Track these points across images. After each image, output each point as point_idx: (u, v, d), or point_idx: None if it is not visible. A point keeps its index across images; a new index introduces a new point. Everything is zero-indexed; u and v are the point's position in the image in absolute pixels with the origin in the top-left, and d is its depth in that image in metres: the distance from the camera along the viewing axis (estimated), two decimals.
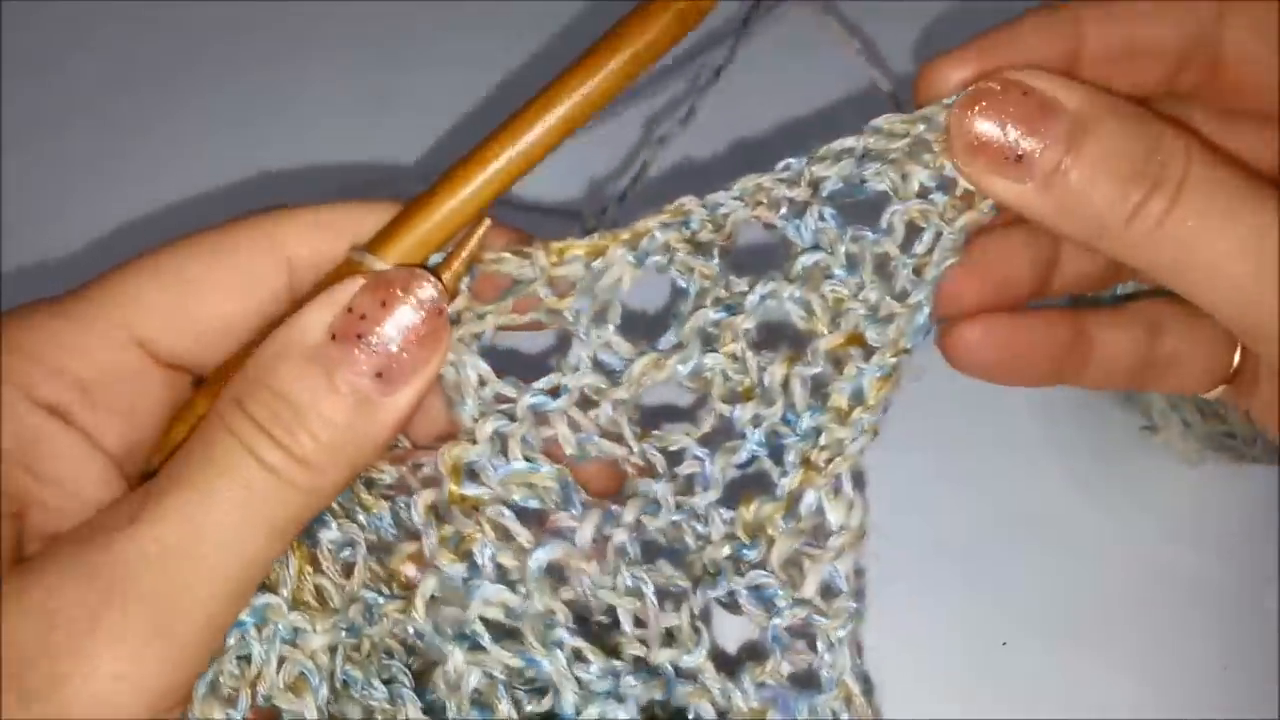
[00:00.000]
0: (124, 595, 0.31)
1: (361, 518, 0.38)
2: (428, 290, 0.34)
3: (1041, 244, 0.41)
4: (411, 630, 0.37)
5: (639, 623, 0.36)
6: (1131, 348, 0.42)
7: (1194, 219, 0.35)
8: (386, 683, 0.38)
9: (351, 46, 0.73)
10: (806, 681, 0.36)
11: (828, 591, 0.36)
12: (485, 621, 0.36)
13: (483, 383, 0.36)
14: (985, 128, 0.36)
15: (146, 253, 0.36)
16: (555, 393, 0.37)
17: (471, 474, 0.37)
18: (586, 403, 0.38)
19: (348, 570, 0.38)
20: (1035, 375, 0.42)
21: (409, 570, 0.37)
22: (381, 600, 0.37)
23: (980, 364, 0.41)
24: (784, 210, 0.37)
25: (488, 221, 0.36)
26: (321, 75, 0.71)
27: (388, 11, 0.73)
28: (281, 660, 0.36)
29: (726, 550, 0.37)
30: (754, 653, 0.37)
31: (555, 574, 0.36)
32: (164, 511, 0.32)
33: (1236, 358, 0.43)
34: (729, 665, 0.37)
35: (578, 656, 0.36)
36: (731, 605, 0.37)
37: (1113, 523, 0.49)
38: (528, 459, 0.37)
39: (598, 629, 0.38)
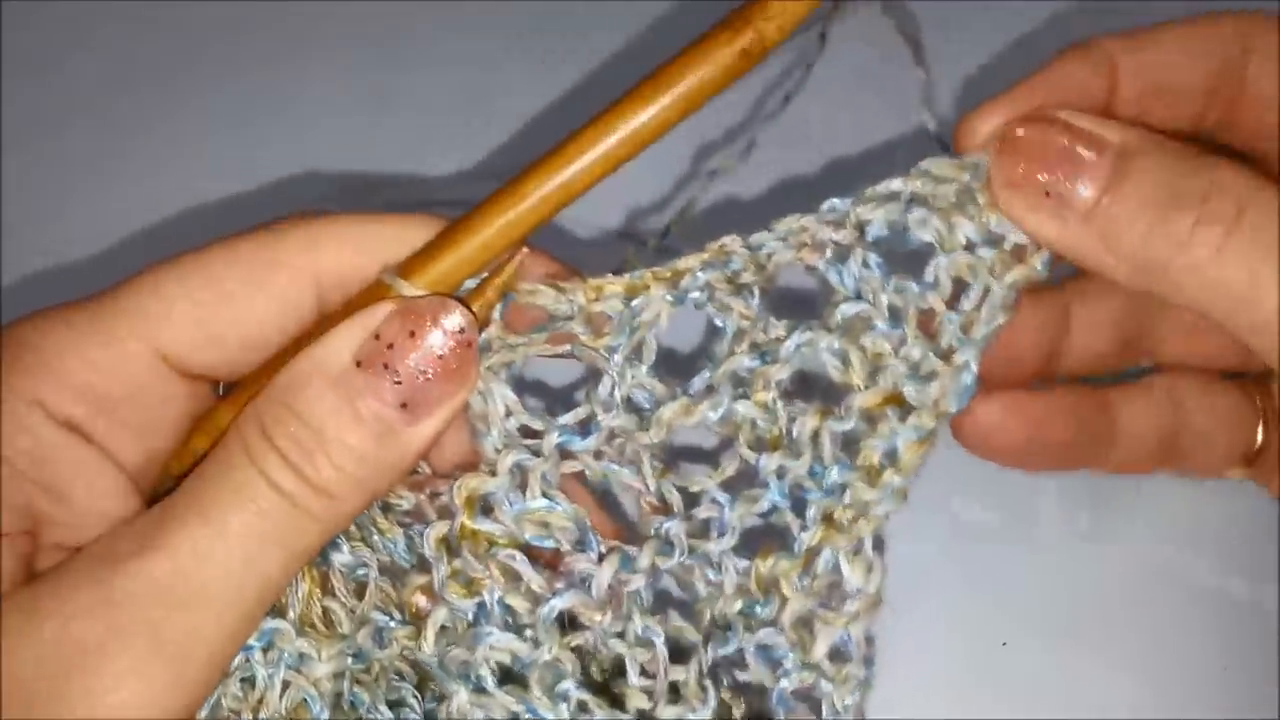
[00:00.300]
0: (132, 625, 0.31)
1: (376, 540, 0.38)
2: (458, 321, 0.33)
3: (1048, 319, 0.40)
4: (420, 659, 0.36)
5: (645, 673, 0.36)
6: (1158, 423, 0.41)
7: (1253, 250, 0.33)
8: (395, 704, 0.38)
9: (351, 46, 0.73)
10: None
11: (837, 655, 0.35)
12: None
13: (509, 413, 0.36)
14: (1027, 162, 0.35)
15: (170, 260, 0.35)
16: (584, 427, 0.36)
17: (487, 508, 0.36)
18: (612, 436, 0.37)
19: (360, 591, 0.37)
20: (1057, 458, 0.40)
21: (420, 601, 0.37)
22: (393, 624, 0.37)
23: (999, 447, 0.39)
24: (829, 253, 0.36)
25: (525, 250, 0.35)
26: (321, 75, 0.71)
27: (388, 11, 0.73)
28: (285, 685, 0.35)
29: (738, 605, 0.36)
30: (758, 710, 0.36)
31: (565, 619, 0.36)
32: (176, 539, 0.32)
33: (1259, 435, 0.42)
34: None
35: (582, 708, 0.35)
36: (739, 663, 0.36)
37: (1112, 522, 0.49)
38: (546, 495, 0.36)
39: (602, 674, 0.37)
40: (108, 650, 0.31)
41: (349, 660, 0.37)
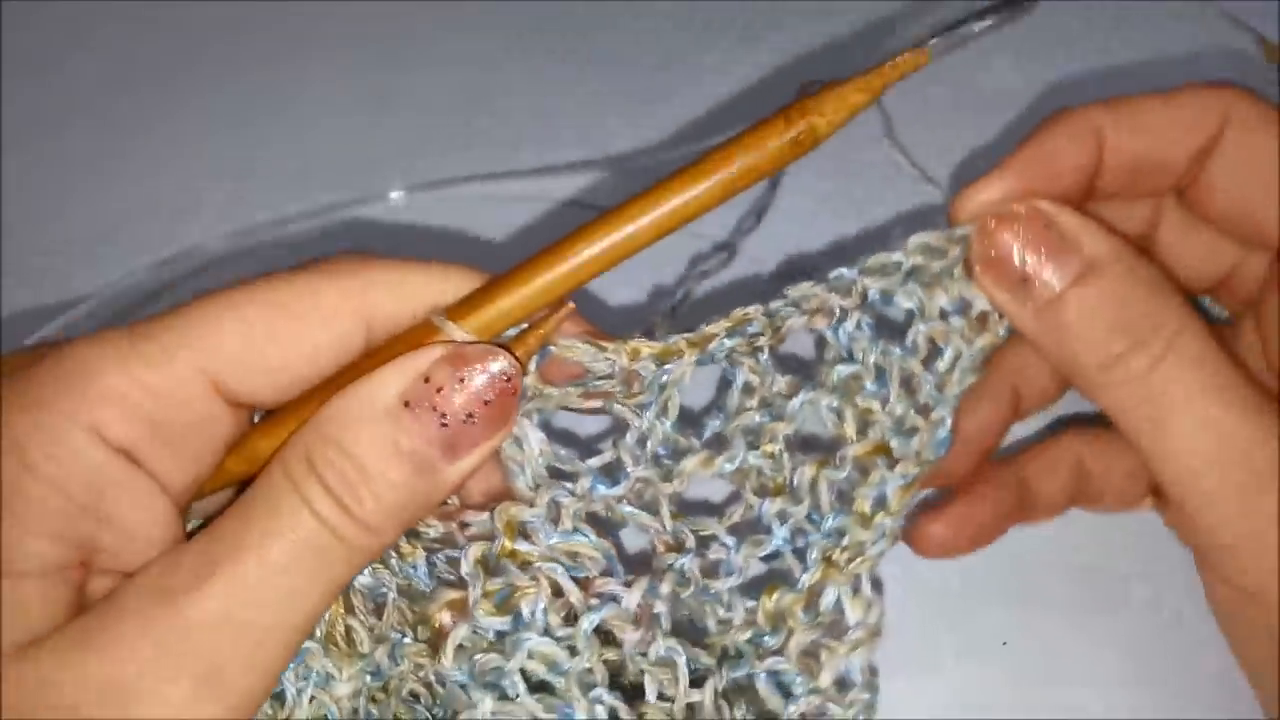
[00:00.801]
0: (183, 660, 0.32)
1: (394, 563, 0.39)
2: (505, 368, 0.35)
3: (1003, 405, 0.45)
4: (433, 677, 0.38)
5: (662, 696, 0.38)
6: (1068, 484, 0.47)
7: (1165, 389, 0.37)
8: None
9: (351, 46, 0.73)
10: None
11: (843, 684, 0.38)
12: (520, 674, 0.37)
13: (540, 455, 0.38)
14: (1003, 246, 0.38)
15: (226, 290, 0.35)
16: (611, 474, 0.39)
17: (524, 534, 0.38)
18: (636, 483, 0.40)
19: (378, 611, 0.39)
20: (992, 539, 0.46)
21: (445, 617, 0.38)
22: (406, 641, 0.38)
23: (948, 552, 0.45)
24: (836, 317, 0.40)
25: (571, 305, 0.37)
26: (321, 75, 0.71)
27: (388, 11, 0.73)
28: (311, 700, 0.37)
29: (748, 635, 0.39)
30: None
31: (599, 635, 0.38)
32: (226, 574, 0.33)
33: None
34: None
35: (611, 718, 0.37)
36: (749, 688, 0.38)
37: (1113, 520, 0.49)
38: (578, 529, 0.38)
39: (625, 695, 0.39)
40: (161, 685, 0.32)
41: (367, 678, 0.39)
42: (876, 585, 0.39)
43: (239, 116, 0.70)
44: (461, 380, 0.34)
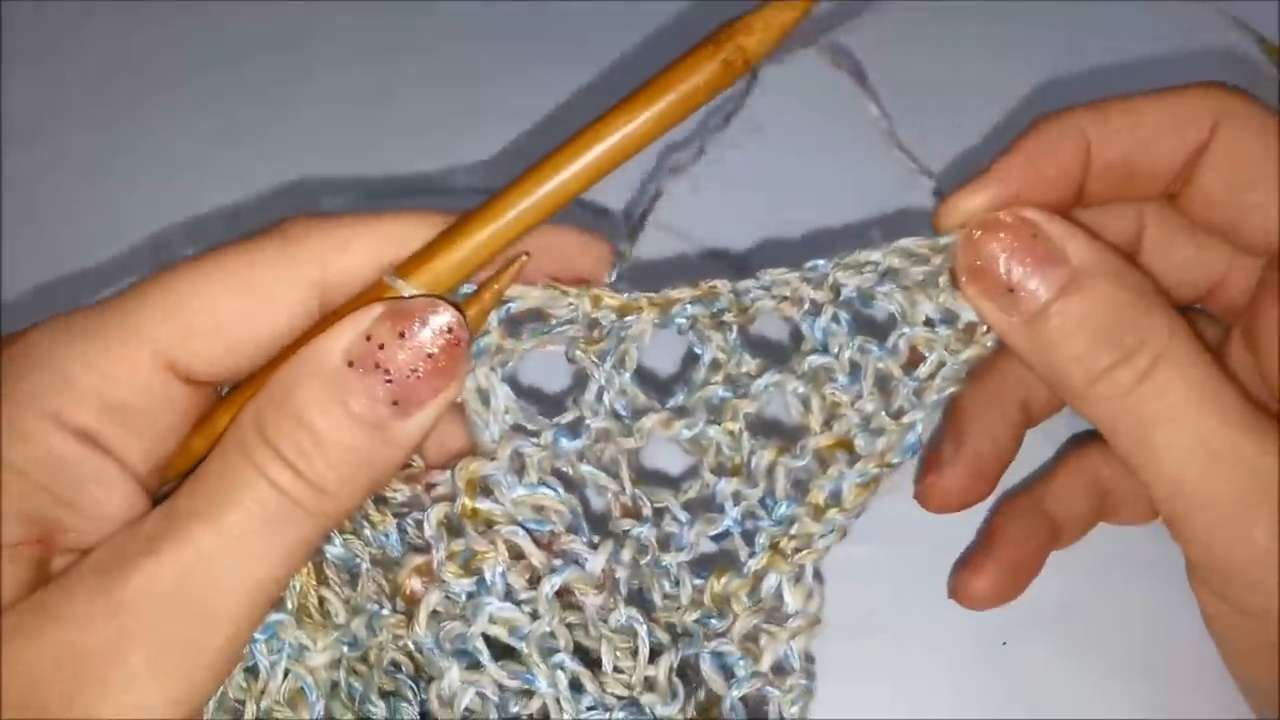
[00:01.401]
0: (141, 627, 0.32)
1: (367, 533, 0.39)
2: (447, 320, 0.34)
3: (1016, 423, 0.44)
4: (412, 645, 0.38)
5: (618, 669, 0.38)
6: (1088, 504, 0.47)
7: (1153, 403, 0.36)
8: (390, 695, 0.39)
9: (352, 46, 0.73)
10: None
11: (780, 670, 0.39)
12: (485, 640, 0.37)
13: (506, 410, 0.38)
14: (989, 256, 0.37)
15: (177, 267, 0.35)
16: (574, 429, 0.39)
17: (486, 490, 0.38)
18: (597, 439, 0.40)
19: (354, 580, 0.39)
20: (1033, 576, 0.46)
21: (415, 583, 0.38)
22: (384, 612, 0.38)
23: (995, 603, 0.46)
24: (805, 307, 0.40)
25: (524, 258, 0.37)
26: (322, 75, 0.71)
27: (388, 12, 0.74)
28: (286, 673, 0.37)
29: (695, 615, 0.39)
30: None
31: (561, 598, 0.38)
32: (181, 542, 0.33)
33: None
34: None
35: (574, 684, 0.37)
36: (695, 668, 0.39)
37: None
38: (543, 482, 0.38)
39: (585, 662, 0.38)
40: (119, 653, 0.32)
41: (344, 649, 0.38)
42: (818, 575, 0.39)
43: (239, 117, 0.70)
44: (403, 335, 0.34)
